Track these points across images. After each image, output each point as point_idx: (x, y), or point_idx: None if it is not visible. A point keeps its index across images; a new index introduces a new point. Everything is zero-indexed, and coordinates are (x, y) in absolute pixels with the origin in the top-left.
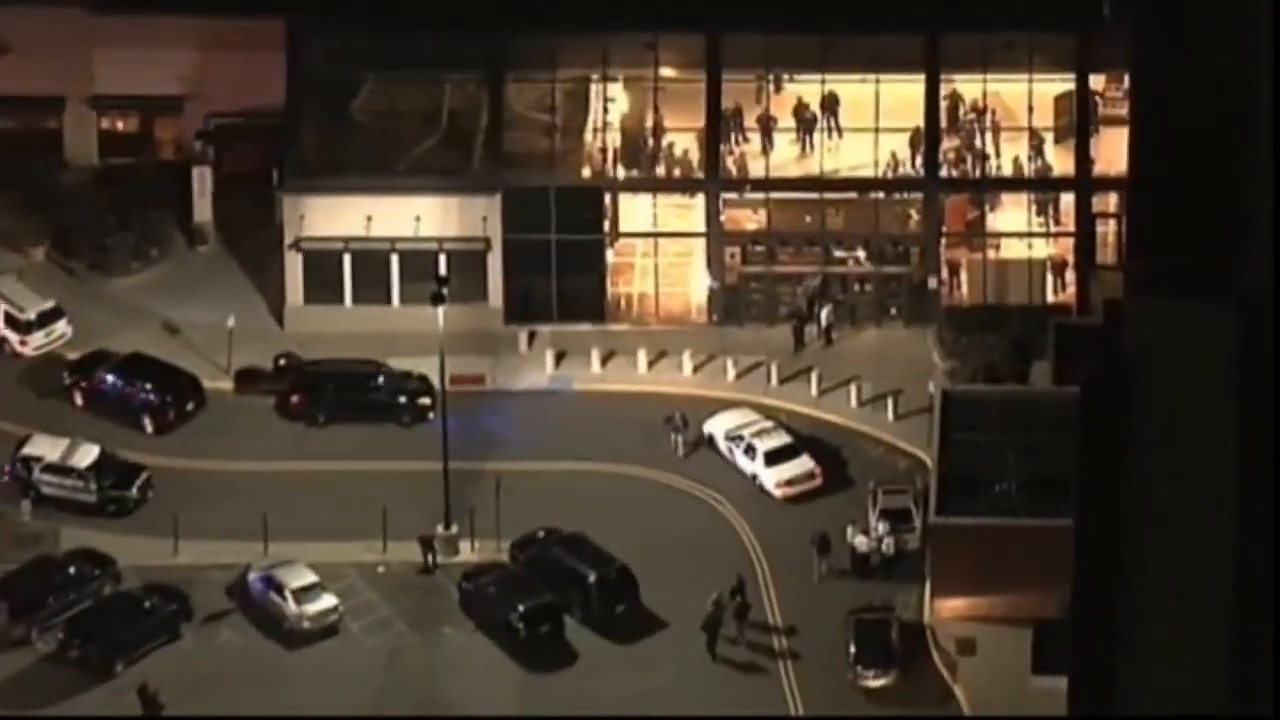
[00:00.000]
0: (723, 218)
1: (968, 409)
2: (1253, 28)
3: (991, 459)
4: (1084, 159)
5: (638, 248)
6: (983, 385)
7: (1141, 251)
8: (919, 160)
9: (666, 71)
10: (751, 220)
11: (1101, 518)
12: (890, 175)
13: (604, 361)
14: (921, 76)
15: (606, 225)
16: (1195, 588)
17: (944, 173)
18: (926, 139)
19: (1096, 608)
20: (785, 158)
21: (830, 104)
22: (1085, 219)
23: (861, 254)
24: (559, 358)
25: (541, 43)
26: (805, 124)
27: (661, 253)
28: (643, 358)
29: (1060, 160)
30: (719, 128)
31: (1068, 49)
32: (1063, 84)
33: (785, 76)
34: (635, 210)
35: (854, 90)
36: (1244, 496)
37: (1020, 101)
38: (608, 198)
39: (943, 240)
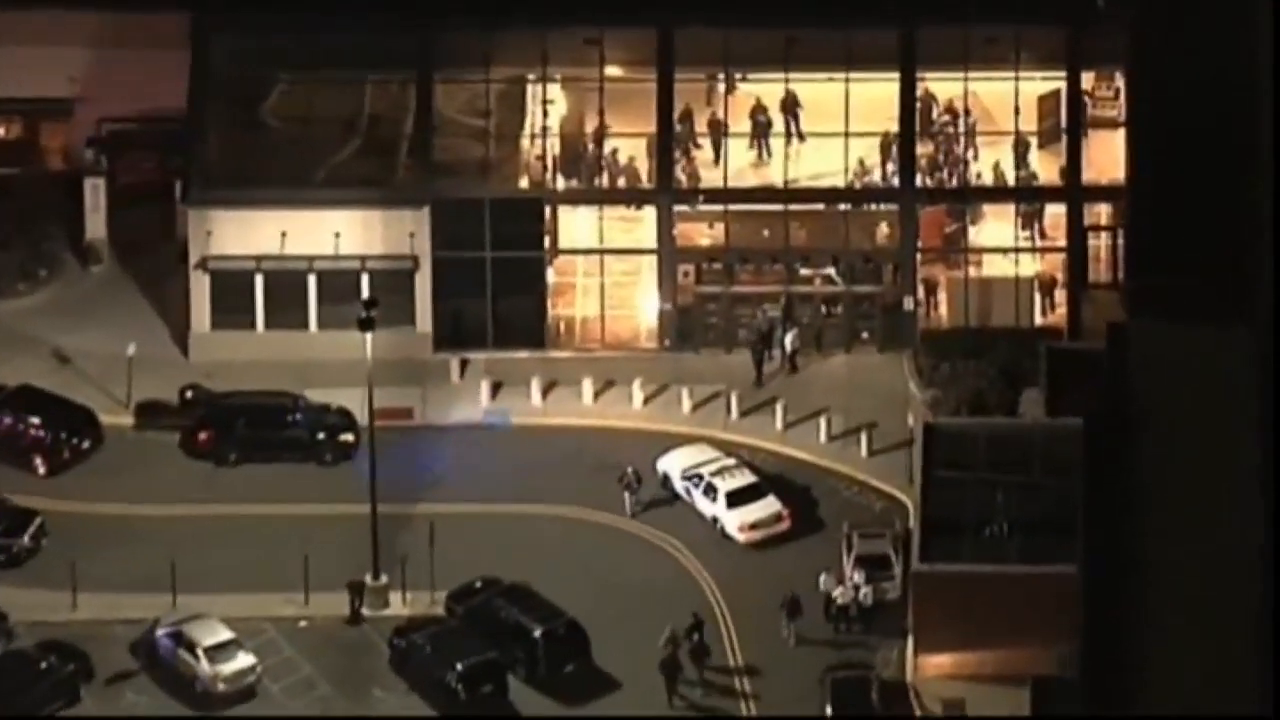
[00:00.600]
0: (675, 232)
1: (952, 444)
2: (1254, 23)
3: (979, 499)
4: (1075, 166)
5: (580, 266)
6: (968, 417)
7: (1143, 268)
8: (890, 168)
9: (612, 70)
10: (706, 235)
11: (1111, 564)
12: (859, 185)
13: (545, 393)
14: (893, 75)
15: (547, 241)
16: (1219, 645)
17: (919, 181)
18: (901, 144)
19: (1107, 665)
20: (741, 166)
21: (790, 105)
22: (1077, 232)
23: (830, 272)
24: (495, 389)
25: (474, 39)
26: (762, 128)
27: (607, 271)
28: (588, 388)
29: (1045, 167)
30: (670, 133)
31: (1057, 44)
32: (1046, 83)
33: (738, 75)
34: (576, 224)
35: (817, 90)
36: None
37: (1000, 102)
38: (548, 211)
39: (919, 256)
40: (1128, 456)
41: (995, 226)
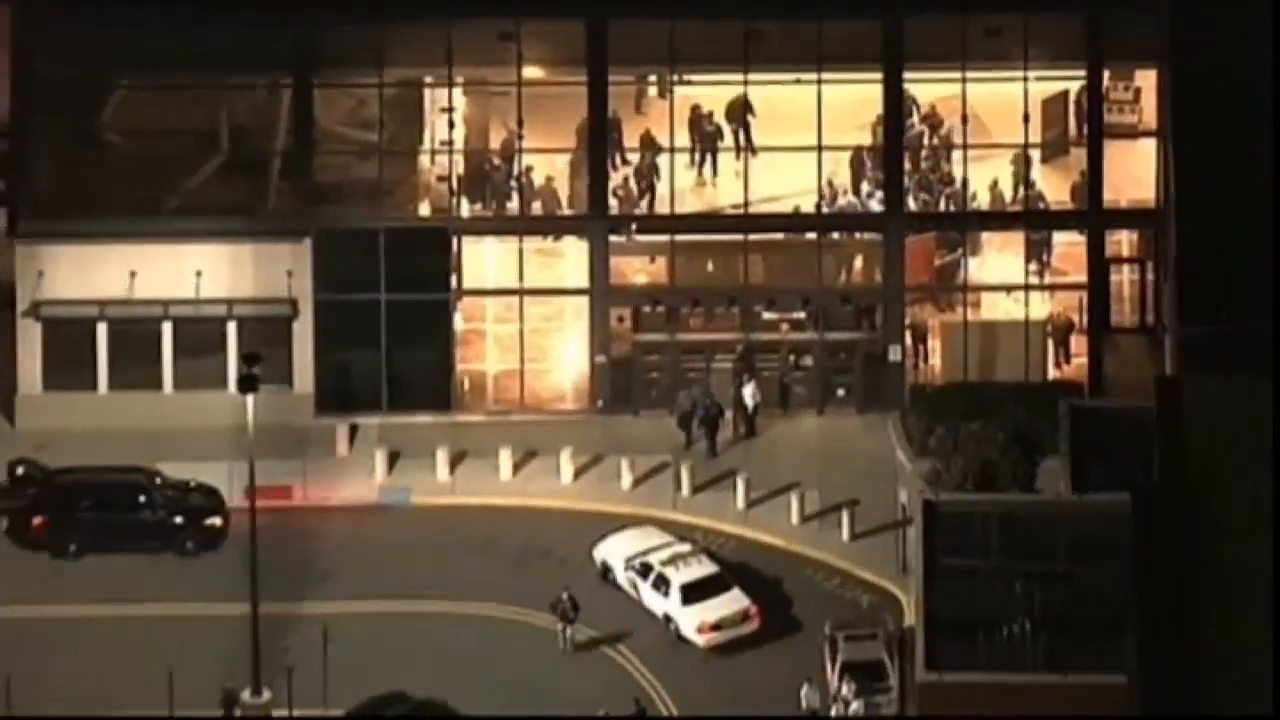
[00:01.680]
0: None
1: (958, 525)
2: None
3: (994, 592)
4: (1096, 184)
5: (488, 310)
6: (975, 493)
7: (1196, 311)
8: (864, 188)
9: (532, 71)
10: (644, 272)
11: (1171, 671)
12: (828, 209)
13: (453, 465)
14: (872, 75)
15: (454, 280)
16: None
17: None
18: (886, 159)
19: None
20: (680, 187)
21: (740, 112)
22: (1098, 265)
23: (798, 315)
24: (392, 460)
25: (361, 34)
26: (705, 139)
27: (523, 316)
28: (505, 459)
29: (1052, 185)
30: (605, 146)
31: (1073, 35)
32: (1043, 84)
33: (686, 78)
34: (482, 259)
35: (776, 95)
36: None
37: (993, 107)
38: (455, 242)
39: (906, 296)
40: (1186, 537)
41: (996, 259)
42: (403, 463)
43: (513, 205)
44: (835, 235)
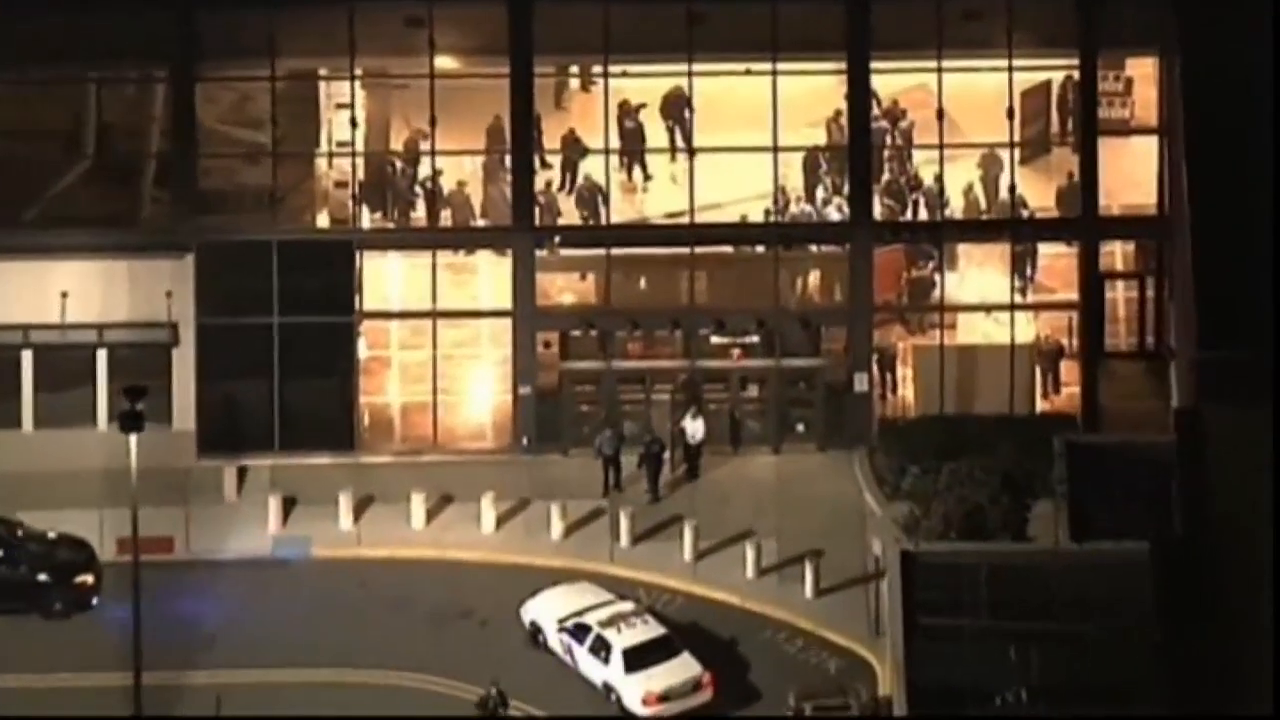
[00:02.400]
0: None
1: (941, 579)
2: None
3: (984, 655)
4: (1090, 187)
5: (392, 334)
6: (959, 542)
7: (1214, 332)
8: (820, 193)
9: (445, 62)
10: (572, 290)
11: None
12: (780, 217)
13: (357, 513)
14: (830, 65)
15: (360, 301)
16: None
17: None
18: (853, 160)
19: None
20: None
21: (675, 107)
22: (1092, 281)
23: (750, 340)
24: (287, 508)
25: (247, 19)
26: (629, 138)
27: (433, 342)
28: (417, 506)
29: (1033, 189)
30: (530, 146)
31: (1063, 18)
32: (1023, 76)
33: (600, 69)
34: (383, 276)
35: (716, 89)
36: None
37: (966, 102)
38: (359, 258)
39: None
40: (1217, 591)
41: (973, 274)
42: (300, 510)
43: (418, 214)
44: (786, 248)
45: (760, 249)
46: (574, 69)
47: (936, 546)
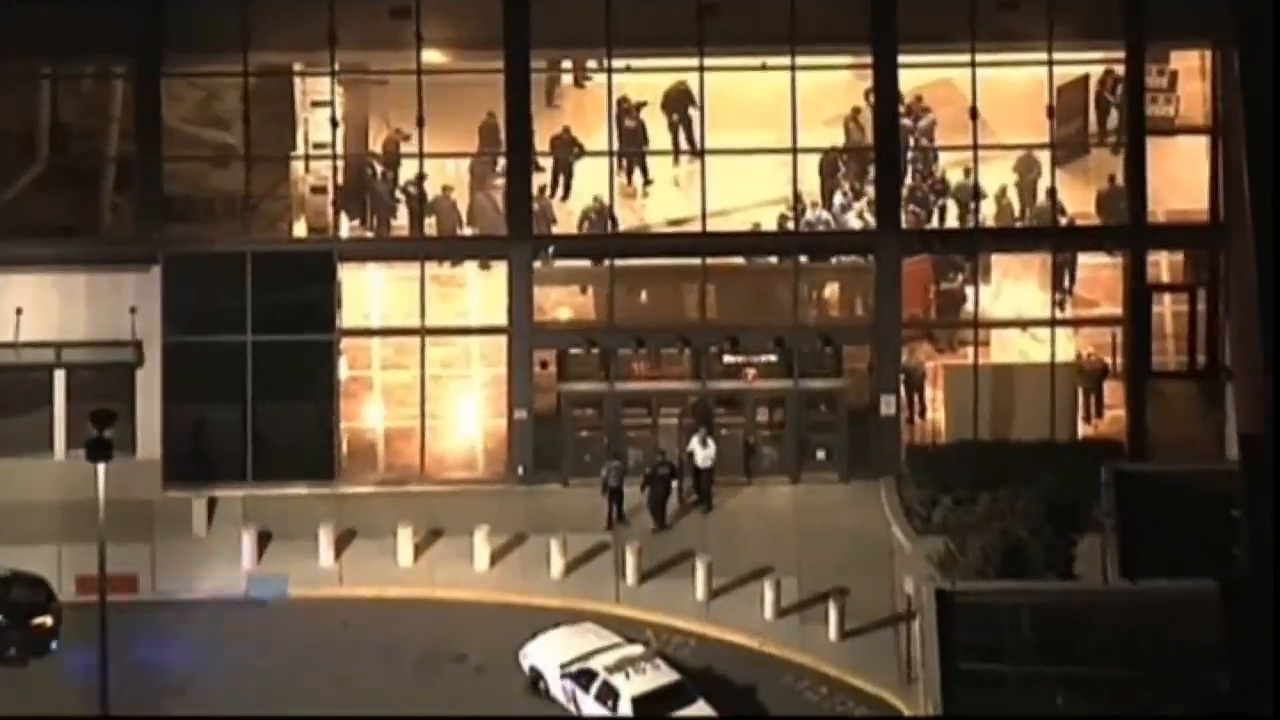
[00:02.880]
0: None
1: (980, 620)
2: None
3: (1030, 704)
4: (1138, 192)
5: (374, 353)
6: (1000, 581)
7: None
8: (838, 199)
9: (433, 56)
10: (570, 305)
11: None
12: (795, 226)
13: (339, 549)
14: (853, 59)
15: (340, 316)
16: None
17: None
18: (879, 163)
19: None
20: (603, 199)
21: (679, 104)
22: (1139, 294)
23: (769, 359)
24: (262, 543)
25: (215, 10)
26: (628, 139)
27: (420, 361)
28: (404, 540)
29: (1070, 194)
30: (528, 149)
31: (1107, 7)
32: (1059, 70)
33: (597, 64)
34: (363, 290)
35: (722, 86)
36: None
37: (994, 99)
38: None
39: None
40: None
41: (1008, 287)
42: (276, 546)
43: (399, 222)
44: (806, 259)
45: (774, 259)
46: (568, 64)
47: (976, 585)
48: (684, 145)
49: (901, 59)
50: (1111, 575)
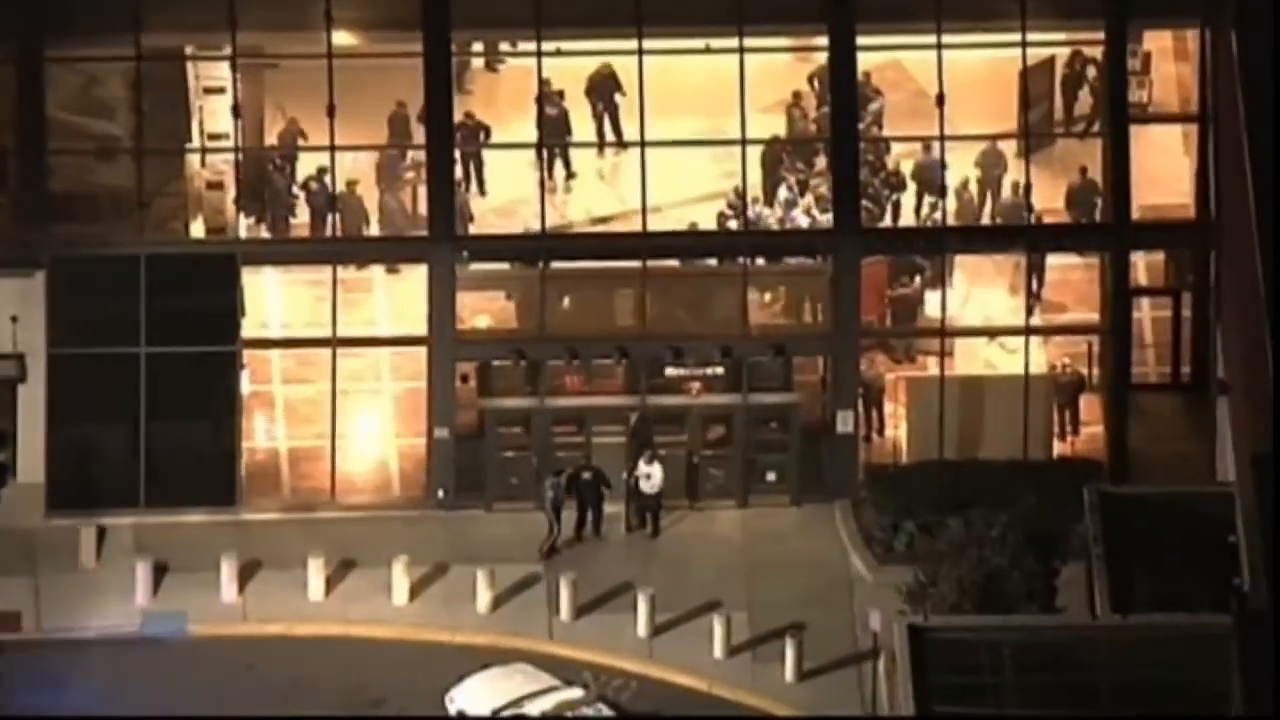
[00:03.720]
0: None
1: (957, 660)
2: None
3: None
4: (1120, 185)
5: (274, 367)
6: (979, 616)
7: None
8: (783, 194)
9: (342, 39)
10: (487, 312)
11: None
12: (743, 225)
13: (242, 582)
14: (806, 39)
15: (243, 326)
16: None
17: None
18: (834, 156)
19: None
20: (524, 195)
21: (604, 89)
22: (1119, 299)
23: (714, 371)
24: (158, 576)
25: None
26: (554, 127)
27: (322, 374)
28: (315, 572)
29: (1039, 189)
30: (450, 140)
31: None
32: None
33: (513, 45)
34: (260, 295)
35: (650, 68)
36: None
37: (957, 85)
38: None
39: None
40: None
41: (971, 291)
42: (173, 579)
43: (298, 221)
44: (751, 260)
45: (714, 261)
46: (477, 45)
47: (951, 620)
48: (610, 135)
49: (861, 40)
50: (1100, 608)
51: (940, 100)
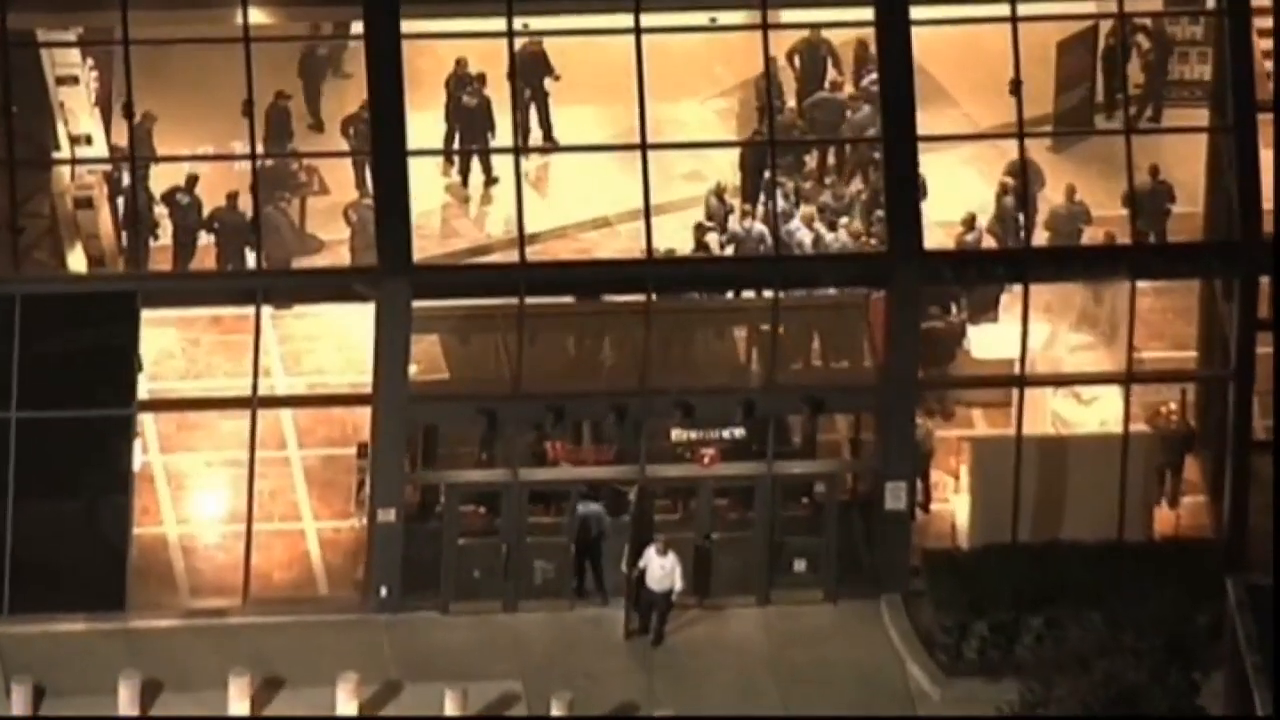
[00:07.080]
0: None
1: None
2: None
3: None
4: (1248, 193)
5: (150, 431)
6: None
7: None
8: (781, 204)
9: (256, 17)
10: (420, 359)
11: None
12: (725, 243)
13: (144, 705)
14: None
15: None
16: None
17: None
18: (888, 155)
19: None
20: (428, 208)
21: (535, 74)
22: (1245, 335)
23: (734, 433)
24: (36, 701)
25: None
26: (471, 121)
27: (214, 439)
28: (236, 695)
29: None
30: (401, 143)
31: None
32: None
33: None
34: (156, 345)
35: (577, 47)
36: None
37: (961, 59)
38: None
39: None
40: None
41: (1035, 328)
42: (54, 704)
43: (158, 243)
44: (781, 292)
45: (692, 295)
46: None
47: None
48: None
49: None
50: None
51: (1016, 86)
